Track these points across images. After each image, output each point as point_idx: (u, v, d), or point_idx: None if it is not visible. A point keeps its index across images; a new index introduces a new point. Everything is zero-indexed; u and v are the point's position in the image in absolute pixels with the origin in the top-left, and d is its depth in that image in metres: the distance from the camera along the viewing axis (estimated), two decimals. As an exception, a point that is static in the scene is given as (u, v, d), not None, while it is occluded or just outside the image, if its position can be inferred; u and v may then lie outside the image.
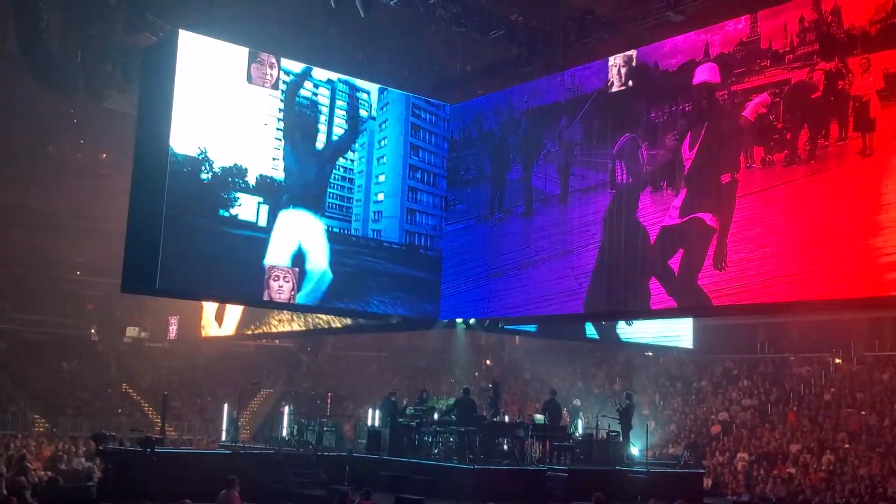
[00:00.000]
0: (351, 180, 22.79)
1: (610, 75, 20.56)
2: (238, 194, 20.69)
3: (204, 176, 20.21)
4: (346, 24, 22.22)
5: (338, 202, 22.48)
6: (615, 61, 20.48)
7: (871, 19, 15.82)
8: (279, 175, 21.37)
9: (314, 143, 22.17)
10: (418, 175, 23.94)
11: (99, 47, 25.40)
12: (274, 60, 21.46)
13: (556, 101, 21.81)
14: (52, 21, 26.18)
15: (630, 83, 20.20)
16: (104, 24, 25.05)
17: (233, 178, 20.63)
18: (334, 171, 22.50)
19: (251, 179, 20.91)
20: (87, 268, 40.00)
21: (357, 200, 22.84)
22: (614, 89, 20.49)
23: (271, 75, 21.41)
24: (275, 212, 21.25)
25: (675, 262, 18.62)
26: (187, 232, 19.82)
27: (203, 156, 20.17)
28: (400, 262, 23.32)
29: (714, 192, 18.04)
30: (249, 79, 21.04)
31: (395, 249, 23.29)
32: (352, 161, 22.83)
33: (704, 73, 18.61)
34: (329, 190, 22.38)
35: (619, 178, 20.04)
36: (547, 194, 21.81)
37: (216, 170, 20.37)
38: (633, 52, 20.14)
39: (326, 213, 22.22)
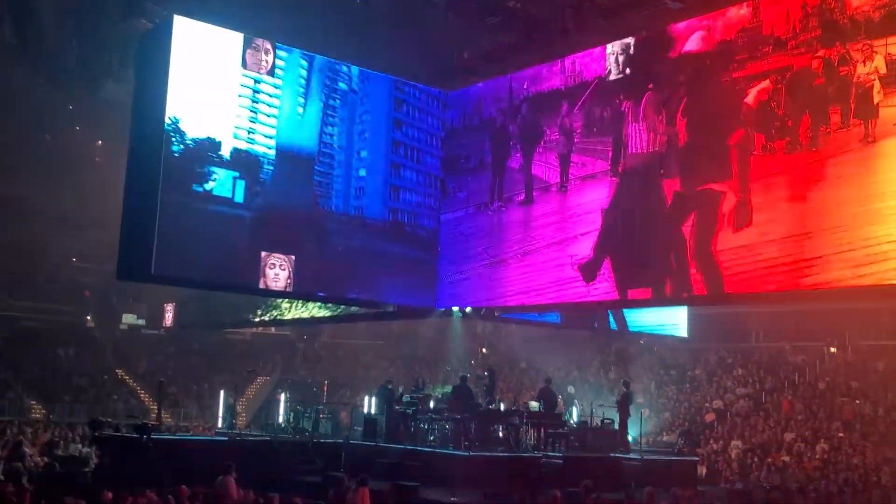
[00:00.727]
0: (331, 155, 22.71)
1: (608, 63, 20.51)
2: (219, 170, 20.64)
3: (196, 161, 20.21)
4: (342, 10, 22.12)
5: (317, 178, 22.39)
6: (613, 49, 20.44)
7: (875, 5, 15.81)
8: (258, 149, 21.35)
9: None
10: (402, 150, 23.85)
11: (95, 36, 25.31)
12: (269, 46, 21.40)
13: (556, 89, 21.77)
14: (48, 10, 26.08)
15: (627, 71, 20.18)
16: (100, 12, 24.95)
17: (211, 154, 20.57)
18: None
19: (232, 155, 20.92)
20: (84, 255, 39.97)
21: (337, 176, 22.74)
22: (612, 77, 20.45)
23: (267, 61, 21.35)
24: (252, 188, 21.18)
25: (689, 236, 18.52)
26: (183, 220, 19.81)
27: (192, 140, 20.15)
28: (388, 240, 23.23)
29: (718, 157, 18.00)
30: (244, 64, 21.00)
31: (379, 227, 23.18)
32: (331, 136, 22.72)
33: (693, 43, 18.63)
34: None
35: (632, 147, 19.91)
36: (547, 182, 21.78)
37: (208, 156, 20.38)
38: (630, 40, 20.11)
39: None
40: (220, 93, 20.62)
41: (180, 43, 19.94)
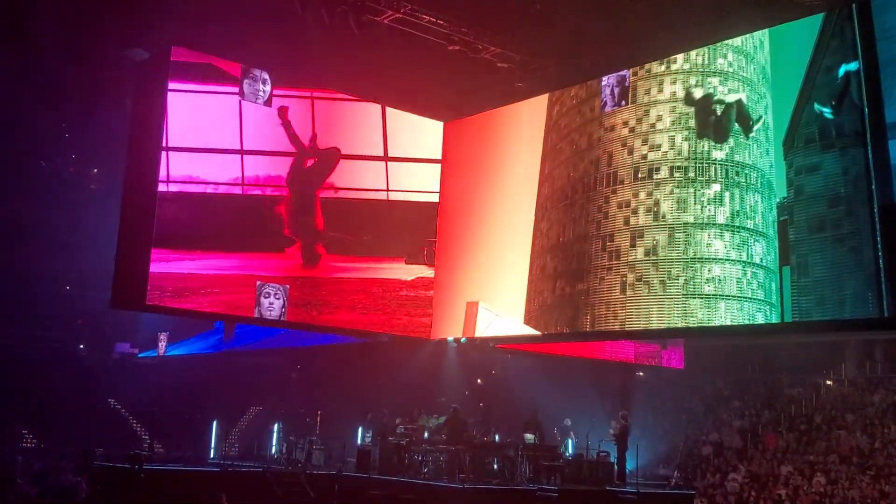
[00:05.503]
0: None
1: (603, 95, 20.63)
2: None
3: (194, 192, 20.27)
4: (340, 41, 22.17)
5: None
6: (608, 81, 20.57)
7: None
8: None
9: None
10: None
11: (92, 62, 25.39)
12: (267, 76, 21.48)
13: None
14: (45, 34, 26.14)
15: (623, 104, 20.28)
16: (97, 38, 25.03)
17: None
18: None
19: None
20: (77, 282, 39.79)
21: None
22: (607, 109, 20.54)
23: (264, 91, 21.41)
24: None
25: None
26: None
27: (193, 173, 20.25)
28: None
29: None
30: (242, 95, 21.07)
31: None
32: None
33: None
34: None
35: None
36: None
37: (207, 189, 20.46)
38: (626, 73, 20.25)
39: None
40: (218, 122, 20.72)
41: (177, 73, 20.06)
